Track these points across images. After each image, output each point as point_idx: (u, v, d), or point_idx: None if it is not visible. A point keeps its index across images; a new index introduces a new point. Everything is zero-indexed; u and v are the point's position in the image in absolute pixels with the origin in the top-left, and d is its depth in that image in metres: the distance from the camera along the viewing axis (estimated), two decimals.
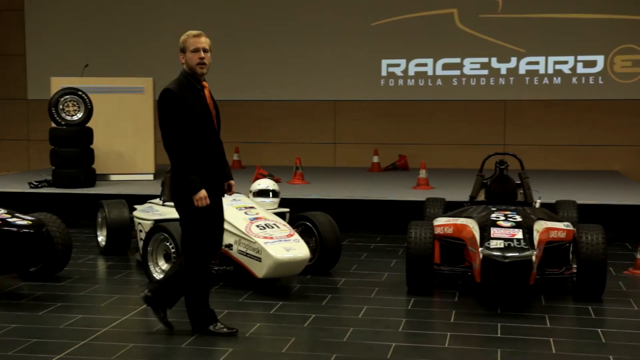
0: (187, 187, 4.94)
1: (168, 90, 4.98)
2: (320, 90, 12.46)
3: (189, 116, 4.96)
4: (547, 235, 6.14)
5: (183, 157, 4.93)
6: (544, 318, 5.56)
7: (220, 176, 5.18)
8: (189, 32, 5.08)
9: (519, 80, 11.90)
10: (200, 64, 4.99)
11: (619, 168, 11.48)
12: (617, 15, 11.50)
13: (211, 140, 5.09)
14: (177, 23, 13.02)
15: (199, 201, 4.92)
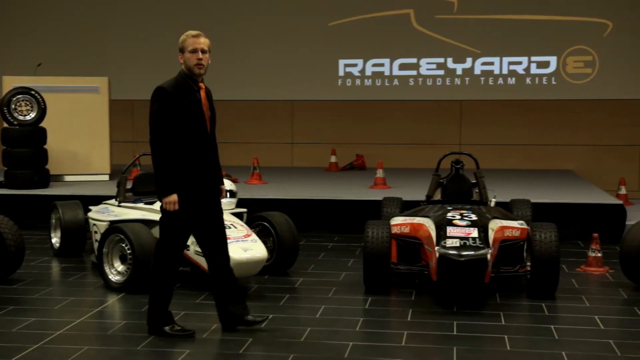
0: (160, 187, 4.91)
1: (160, 88, 4.96)
2: (278, 90, 12.44)
3: (179, 116, 4.91)
4: (501, 234, 6.22)
5: (165, 157, 4.89)
6: (498, 315, 5.63)
7: (212, 179, 5.09)
8: (188, 33, 5.06)
9: (474, 80, 12.03)
10: (198, 64, 4.97)
11: (573, 167, 11.68)
12: (569, 17, 11.70)
13: (202, 142, 5.01)
14: (132, 22, 12.89)
15: (168, 204, 4.89)
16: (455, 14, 11.96)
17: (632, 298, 6.18)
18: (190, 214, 4.98)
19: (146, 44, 12.77)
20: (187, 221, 5.01)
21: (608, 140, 11.61)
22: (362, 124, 12.37)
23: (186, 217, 4.97)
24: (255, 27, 12.45)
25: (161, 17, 12.71)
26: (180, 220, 4.97)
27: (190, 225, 5.05)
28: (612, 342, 5.02)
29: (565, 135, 11.75)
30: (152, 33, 12.76)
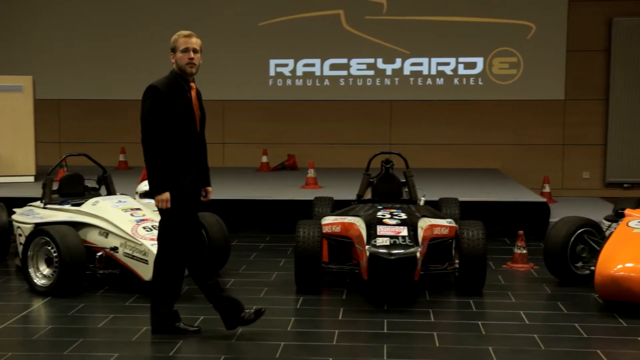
0: (153, 185, 4.91)
1: (152, 87, 4.99)
2: (208, 89, 12.28)
3: (170, 115, 4.92)
4: (430, 232, 6.32)
5: (157, 156, 4.89)
6: (428, 313, 5.72)
7: (199, 179, 5.10)
8: (180, 32, 5.08)
9: (403, 80, 12.18)
10: (189, 63, 4.99)
11: (499, 166, 11.93)
12: (495, 19, 11.96)
13: (192, 142, 5.03)
14: (57, 22, 12.60)
15: (160, 202, 4.90)
16: (385, 15, 12.08)
17: (555, 293, 6.36)
18: (185, 210, 4.96)
19: (72, 42, 12.50)
20: (185, 216, 4.97)
21: (532, 140, 11.91)
22: (293, 124, 12.38)
23: (183, 212, 4.95)
24: (186, 27, 12.30)
25: (89, 16, 12.46)
26: (180, 217, 4.94)
27: (189, 220, 4.99)
28: (537, 337, 5.16)
29: (491, 134, 12.01)
30: (78, 33, 12.50)
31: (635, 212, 6.43)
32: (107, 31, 12.42)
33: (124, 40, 12.42)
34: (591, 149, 11.85)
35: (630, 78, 11.55)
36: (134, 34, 12.40)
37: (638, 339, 5.13)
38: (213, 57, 12.25)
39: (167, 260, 5.06)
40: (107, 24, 12.44)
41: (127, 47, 12.39)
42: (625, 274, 5.61)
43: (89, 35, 12.44)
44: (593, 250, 6.45)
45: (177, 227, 4.99)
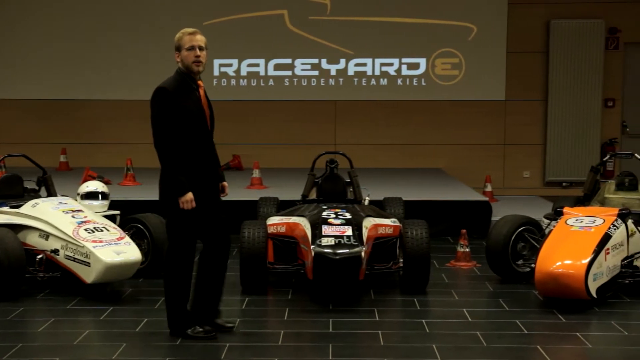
0: (174, 188, 4.85)
1: (161, 88, 4.94)
2: (152, 89, 12.20)
3: (181, 115, 4.88)
4: (375, 232, 6.37)
5: (173, 157, 4.85)
6: (373, 312, 5.76)
7: (213, 176, 5.08)
8: (184, 30, 5.02)
9: (347, 81, 12.22)
10: (196, 62, 4.94)
11: (442, 165, 12.07)
12: (437, 21, 12.09)
13: (203, 141, 5.00)
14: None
15: (185, 204, 4.85)
16: (329, 15, 12.11)
17: (497, 291, 6.47)
18: (198, 210, 4.91)
19: (10, 41, 12.22)
20: (196, 217, 4.93)
21: (475, 140, 12.08)
22: (238, 124, 12.32)
23: (195, 213, 4.91)
24: (129, 25, 12.16)
25: (29, 15, 12.19)
26: (191, 218, 4.91)
27: (198, 221, 4.97)
28: (479, 334, 5.25)
29: (434, 134, 12.14)
30: (17, 32, 12.22)
31: (573, 210, 6.58)
32: (47, 30, 12.17)
33: (65, 39, 12.18)
34: (531, 149, 12.08)
35: (568, 79, 11.81)
36: (74, 34, 12.18)
37: (576, 334, 5.26)
38: (156, 57, 12.13)
39: (178, 261, 5.00)
40: (46, 23, 12.19)
41: (68, 47, 12.16)
42: (563, 271, 5.75)
43: (28, 34, 12.16)
44: (533, 248, 6.58)
45: (190, 226, 4.94)
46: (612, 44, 11.83)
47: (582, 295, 5.76)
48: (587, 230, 6.09)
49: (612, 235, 6.05)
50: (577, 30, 11.70)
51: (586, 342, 5.14)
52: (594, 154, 11.70)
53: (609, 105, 11.95)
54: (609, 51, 11.82)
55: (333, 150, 8.57)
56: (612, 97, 11.95)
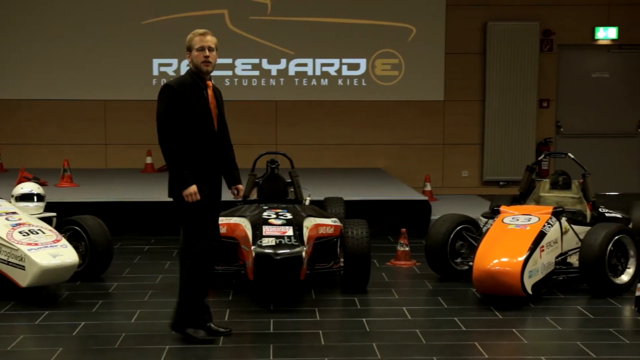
0: (177, 182, 4.92)
1: (167, 85, 5.02)
2: (90, 89, 11.99)
3: (186, 114, 4.94)
4: (316, 232, 6.39)
5: (175, 153, 4.92)
6: (314, 311, 5.78)
7: (218, 177, 5.15)
8: (195, 31, 5.11)
9: (288, 81, 12.23)
10: (205, 62, 5.00)
11: (382, 165, 12.17)
12: (377, 21, 12.18)
13: (209, 140, 5.04)
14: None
15: (189, 196, 4.90)
16: (269, 15, 12.10)
17: (436, 289, 6.56)
18: (203, 207, 4.97)
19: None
20: (205, 211, 4.98)
21: (414, 140, 12.21)
22: None
23: (203, 209, 4.96)
24: (66, 24, 11.94)
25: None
26: (205, 211, 4.97)
27: (208, 214, 5.02)
28: (419, 331, 5.31)
29: (375, 134, 12.23)
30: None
31: (510, 208, 6.71)
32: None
33: (4, 37, 11.91)
34: (469, 149, 12.27)
35: (504, 80, 12.04)
36: (9, 32, 11.89)
37: (512, 330, 5.37)
38: (93, 56, 11.94)
39: (195, 256, 5.02)
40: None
41: (8, 46, 11.87)
42: (500, 269, 5.86)
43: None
44: (471, 246, 6.69)
45: (198, 221, 4.97)
46: (546, 45, 12.11)
47: (518, 292, 5.88)
48: (522, 229, 6.23)
49: (547, 233, 6.20)
50: (513, 32, 11.94)
51: (522, 337, 5.25)
52: (530, 154, 11.96)
53: (543, 106, 12.23)
54: (544, 53, 12.09)
55: (274, 151, 8.55)
56: (547, 97, 12.23)
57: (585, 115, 12.43)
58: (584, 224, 6.80)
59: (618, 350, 4.96)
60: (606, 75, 12.39)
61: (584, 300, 6.13)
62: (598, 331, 5.35)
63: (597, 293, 6.21)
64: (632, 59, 12.38)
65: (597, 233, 6.23)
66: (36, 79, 11.85)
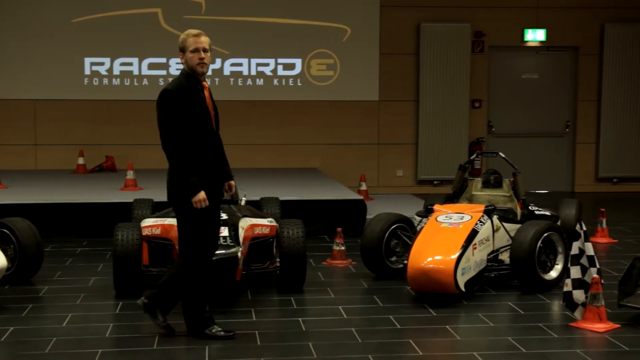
0: (186, 189, 4.92)
1: (167, 90, 4.96)
2: (18, 88, 11.72)
3: (188, 117, 4.92)
4: (252, 232, 6.37)
5: (182, 159, 4.91)
6: (250, 312, 5.77)
7: (219, 177, 5.18)
8: (189, 32, 5.06)
9: (223, 81, 12.17)
10: (200, 63, 4.97)
11: (318, 165, 12.22)
12: (312, 22, 12.23)
13: (210, 141, 5.07)
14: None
15: (198, 203, 4.91)
16: (204, 14, 12.01)
17: (371, 287, 6.61)
18: (208, 210, 4.99)
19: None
20: (208, 217, 5.02)
21: (350, 139, 12.30)
22: (111, 125, 12.02)
23: (206, 213, 4.98)
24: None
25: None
26: (206, 217, 4.99)
27: (210, 220, 5.05)
28: (354, 330, 5.35)
29: (311, 134, 12.27)
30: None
31: (443, 207, 6.82)
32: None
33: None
34: (404, 148, 12.42)
35: (438, 80, 12.22)
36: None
37: (446, 327, 5.46)
38: (23, 54, 11.66)
39: (195, 263, 5.03)
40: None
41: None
42: (434, 266, 5.95)
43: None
44: (406, 245, 6.77)
45: (200, 223, 4.98)
46: (478, 47, 12.35)
47: (452, 290, 5.98)
48: (455, 227, 6.33)
49: (479, 231, 6.31)
50: (446, 34, 12.14)
51: (455, 334, 5.34)
52: (463, 153, 12.18)
53: (475, 106, 12.47)
54: (475, 54, 12.33)
55: None
56: (479, 98, 12.47)
57: (516, 115, 12.72)
58: (514, 222, 6.95)
59: (547, 344, 5.09)
60: (535, 76, 12.71)
61: (515, 297, 6.27)
62: (528, 326, 5.48)
63: (527, 289, 6.36)
64: (560, 60, 12.72)
65: (526, 231, 6.38)
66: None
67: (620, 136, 12.61)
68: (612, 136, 12.62)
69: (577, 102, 12.68)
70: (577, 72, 12.63)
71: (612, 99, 12.56)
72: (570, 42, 12.55)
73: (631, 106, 12.58)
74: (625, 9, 12.52)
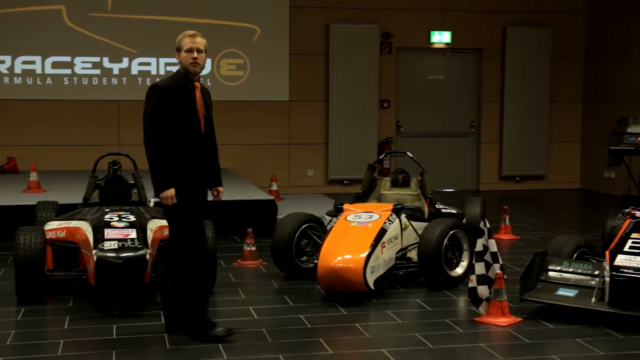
0: (157, 183, 4.93)
1: (155, 86, 5.01)
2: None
3: (173, 114, 4.93)
4: (161, 234, 6.28)
5: (159, 154, 4.91)
6: (159, 315, 5.68)
7: (205, 179, 5.13)
8: (185, 32, 5.10)
9: (131, 80, 11.94)
10: (193, 63, 4.99)
11: (229, 165, 12.14)
12: (221, 21, 12.14)
13: (196, 142, 5.02)
14: None
15: (165, 200, 4.92)
16: (110, 12, 11.76)
17: (282, 287, 6.63)
18: (190, 206, 4.98)
19: None
20: (190, 212, 4.99)
21: (261, 140, 12.28)
22: (13, 125, 11.64)
23: (188, 208, 4.97)
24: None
25: None
26: (192, 214, 4.98)
27: (197, 216, 5.01)
28: (265, 330, 5.35)
29: (221, 134, 12.04)
30: None
31: (353, 206, 6.89)
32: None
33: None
34: (314, 148, 12.50)
35: (347, 81, 12.35)
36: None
37: (356, 325, 5.53)
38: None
39: (190, 261, 5.02)
40: None
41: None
42: (343, 265, 6.01)
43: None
44: (316, 245, 6.81)
45: (184, 223, 4.98)
46: (386, 48, 12.54)
47: (361, 288, 6.05)
48: (364, 226, 6.41)
49: (388, 230, 6.41)
50: (355, 35, 12.28)
51: (365, 332, 5.41)
52: (372, 153, 12.35)
53: (384, 106, 12.66)
54: (384, 55, 12.52)
55: (116, 152, 8.33)
56: (387, 98, 12.68)
57: (423, 116, 12.99)
58: (422, 220, 7.10)
59: (453, 339, 5.22)
60: (442, 77, 13.01)
61: (423, 293, 6.40)
62: (435, 322, 5.61)
63: (434, 286, 6.50)
64: (465, 62, 13.06)
65: (433, 228, 6.52)
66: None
67: (521, 136, 13.04)
68: (514, 136, 13.04)
69: (481, 103, 13.05)
70: (481, 73, 13.00)
71: (514, 100, 12.98)
72: (474, 44, 12.90)
73: (531, 107, 13.04)
74: (525, 12, 12.97)
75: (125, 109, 11.95)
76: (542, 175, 13.26)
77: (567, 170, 13.37)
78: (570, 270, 5.77)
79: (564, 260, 5.88)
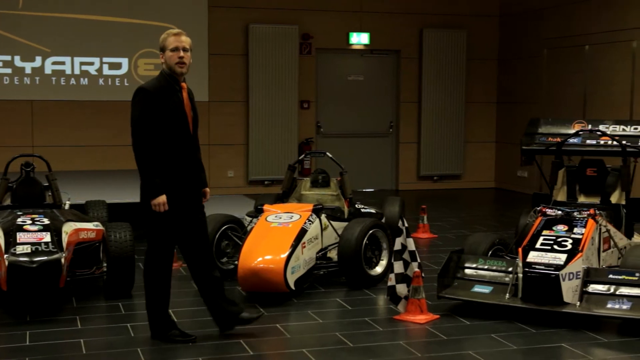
0: (147, 190, 4.82)
1: (141, 88, 4.86)
2: None
3: (162, 117, 4.80)
4: (76, 237, 6.16)
5: (148, 159, 4.80)
6: (75, 320, 5.57)
7: (195, 182, 5.04)
8: (169, 31, 4.94)
9: (45, 80, 11.63)
10: (179, 63, 4.86)
11: None
12: (139, 20, 11.95)
13: (185, 144, 4.92)
14: None
15: (157, 206, 4.82)
16: (21, 10, 11.42)
17: None
18: (176, 215, 4.90)
19: None
20: (174, 222, 4.93)
21: None
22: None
23: (173, 218, 4.90)
24: None
25: None
26: (168, 222, 4.89)
27: (177, 226, 4.95)
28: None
29: None
30: None
31: (273, 207, 6.90)
32: None
33: None
34: (235, 149, 12.44)
35: (267, 81, 12.34)
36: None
37: (276, 326, 5.53)
38: None
39: (156, 265, 5.00)
40: None
41: None
42: (264, 266, 6.00)
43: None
44: (237, 246, 6.79)
45: (167, 230, 4.92)
46: (305, 49, 12.59)
47: (282, 288, 6.06)
48: (285, 226, 6.42)
49: (308, 230, 6.44)
50: (274, 35, 12.28)
51: (285, 332, 5.42)
52: (293, 153, 12.37)
53: (304, 107, 12.71)
54: (303, 56, 12.57)
55: (29, 153, 8.10)
56: (307, 99, 12.73)
57: (343, 116, 13.10)
58: (342, 220, 7.16)
59: (372, 337, 5.29)
60: (361, 78, 13.15)
61: (343, 293, 6.45)
62: (355, 321, 5.66)
63: (354, 285, 6.57)
64: (383, 63, 13.23)
65: (353, 228, 6.59)
66: None
67: (438, 136, 13.30)
68: (431, 136, 13.29)
69: (399, 104, 13.24)
70: (399, 74, 13.19)
71: (431, 101, 13.23)
72: (392, 45, 13.08)
73: (448, 107, 13.31)
74: (441, 15, 13.23)
75: (38, 109, 11.63)
76: (458, 175, 13.56)
77: (482, 169, 13.71)
78: (486, 267, 5.92)
79: (480, 257, 6.02)
